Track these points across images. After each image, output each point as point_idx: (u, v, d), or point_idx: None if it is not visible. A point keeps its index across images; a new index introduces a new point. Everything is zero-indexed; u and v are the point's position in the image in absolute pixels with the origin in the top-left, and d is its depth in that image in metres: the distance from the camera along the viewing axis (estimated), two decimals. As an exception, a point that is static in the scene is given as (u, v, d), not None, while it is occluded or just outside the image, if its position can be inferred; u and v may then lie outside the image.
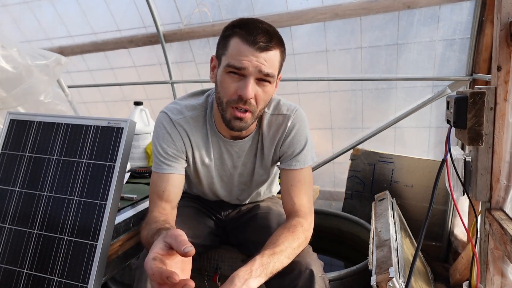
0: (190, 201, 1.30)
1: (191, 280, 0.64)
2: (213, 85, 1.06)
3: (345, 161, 2.18)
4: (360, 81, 2.07)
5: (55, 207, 1.06)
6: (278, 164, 1.15)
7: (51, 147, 1.12)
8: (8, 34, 2.67)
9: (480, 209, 1.02)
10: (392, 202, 1.76)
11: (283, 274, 0.92)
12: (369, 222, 1.67)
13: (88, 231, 1.01)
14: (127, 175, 1.67)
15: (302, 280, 0.94)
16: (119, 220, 1.19)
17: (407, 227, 1.79)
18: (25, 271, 1.03)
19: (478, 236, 1.03)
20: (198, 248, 1.15)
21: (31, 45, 2.61)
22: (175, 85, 2.42)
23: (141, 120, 1.94)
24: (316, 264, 0.97)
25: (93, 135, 1.10)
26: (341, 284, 1.38)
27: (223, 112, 0.99)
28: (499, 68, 0.90)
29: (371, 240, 1.39)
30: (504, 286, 0.94)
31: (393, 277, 1.03)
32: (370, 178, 2.07)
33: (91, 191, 1.05)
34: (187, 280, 0.63)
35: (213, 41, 2.27)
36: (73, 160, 1.09)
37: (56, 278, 1.00)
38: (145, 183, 1.57)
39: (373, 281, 1.06)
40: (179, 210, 1.17)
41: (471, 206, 1.19)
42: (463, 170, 1.01)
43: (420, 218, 1.96)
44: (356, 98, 2.15)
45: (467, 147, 1.58)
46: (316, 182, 2.24)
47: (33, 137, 1.15)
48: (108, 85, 2.69)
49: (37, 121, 1.16)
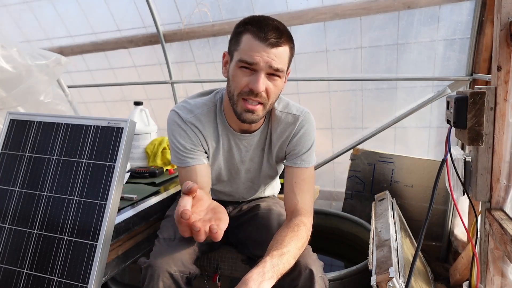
0: None
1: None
2: (216, 86, 1.09)
3: (345, 161, 2.18)
4: (360, 81, 2.06)
5: (55, 207, 1.06)
6: (284, 161, 1.18)
7: (51, 147, 1.12)
8: (8, 34, 2.67)
9: (480, 209, 1.02)
10: (392, 202, 1.76)
11: (283, 274, 0.93)
12: (369, 222, 1.67)
13: (88, 231, 1.01)
14: (127, 175, 1.67)
15: (302, 280, 0.95)
16: (119, 220, 1.19)
17: (407, 227, 1.78)
18: (25, 271, 1.03)
19: (478, 236, 1.02)
20: (203, 247, 1.15)
21: (31, 45, 2.61)
22: (175, 85, 2.42)
23: (141, 120, 1.94)
24: (316, 264, 0.98)
25: (93, 135, 1.10)
26: (341, 284, 1.37)
27: (234, 105, 1.03)
28: (499, 68, 0.90)
29: (371, 240, 1.39)
30: (504, 286, 0.94)
31: (393, 277, 1.03)
32: (370, 178, 2.07)
33: (91, 191, 1.05)
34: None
35: (213, 41, 2.27)
36: (73, 160, 1.09)
37: (56, 278, 1.00)
38: (145, 183, 1.57)
39: (373, 281, 1.06)
40: None
41: (471, 206, 1.19)
42: (463, 170, 1.01)
43: (420, 218, 1.96)
44: (356, 98, 2.15)
45: (467, 147, 1.58)
46: (316, 182, 2.24)
47: (33, 137, 1.15)
48: (108, 85, 2.69)
49: (37, 121, 1.16)
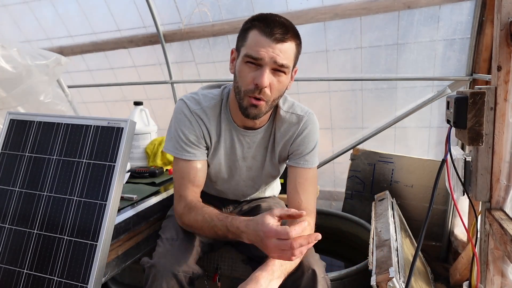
0: None
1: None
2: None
3: (345, 161, 2.18)
4: (360, 81, 2.06)
5: (55, 207, 1.06)
6: (287, 161, 1.19)
7: (51, 147, 1.12)
8: (8, 34, 2.67)
9: (480, 209, 1.02)
10: (392, 202, 1.76)
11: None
12: (369, 222, 1.67)
13: (88, 231, 1.01)
14: (127, 175, 1.67)
15: (305, 280, 0.95)
16: (119, 220, 1.19)
17: (407, 227, 1.78)
18: (25, 271, 1.03)
19: (478, 236, 1.02)
20: (205, 247, 1.16)
21: (31, 45, 2.61)
22: (175, 85, 2.42)
23: (141, 120, 1.94)
24: (318, 265, 0.99)
25: (93, 135, 1.10)
26: (341, 284, 1.37)
27: (240, 101, 1.04)
28: (499, 68, 0.90)
29: (371, 240, 1.39)
30: (504, 286, 0.94)
31: (393, 277, 1.03)
32: (370, 178, 2.07)
33: (91, 191, 1.05)
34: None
35: (213, 41, 2.27)
36: (73, 160, 1.09)
37: (56, 278, 1.00)
38: (145, 183, 1.57)
39: (373, 281, 1.06)
40: None
41: (471, 206, 1.19)
42: (463, 170, 1.01)
43: (420, 218, 1.96)
44: (356, 98, 2.15)
45: (467, 147, 1.58)
46: (316, 182, 2.24)
47: (33, 137, 1.15)
48: (108, 85, 2.69)
49: (37, 121, 1.16)
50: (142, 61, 2.56)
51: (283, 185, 1.97)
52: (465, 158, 1.00)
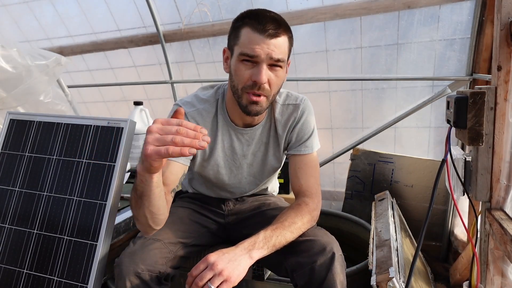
0: (188, 202, 1.30)
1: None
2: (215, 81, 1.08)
3: (345, 161, 2.18)
4: (360, 81, 2.06)
5: (55, 207, 1.06)
6: (287, 151, 1.20)
7: (51, 147, 1.12)
8: (8, 34, 2.67)
9: (480, 209, 1.02)
10: (392, 202, 1.76)
11: (301, 252, 0.97)
12: (369, 222, 1.67)
13: (88, 231, 1.01)
14: (127, 175, 1.67)
15: (323, 257, 0.96)
16: (119, 220, 1.19)
17: (407, 227, 1.78)
18: (25, 271, 1.03)
19: (478, 236, 1.03)
20: (189, 248, 1.14)
21: (31, 45, 2.61)
22: (175, 85, 2.42)
23: (141, 120, 1.94)
24: (335, 243, 1.00)
25: (93, 135, 1.10)
26: (341, 284, 1.37)
27: (239, 99, 1.04)
28: (499, 68, 0.90)
29: (371, 240, 1.39)
30: (504, 286, 0.94)
31: (393, 277, 1.03)
32: (370, 178, 2.07)
33: (91, 191, 1.05)
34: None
35: (213, 41, 2.27)
36: (73, 160, 1.09)
37: (56, 278, 1.00)
38: (145, 183, 1.56)
39: (373, 281, 1.06)
40: (173, 209, 1.17)
41: (471, 206, 1.19)
42: (463, 170, 1.01)
43: (420, 218, 1.96)
44: (356, 98, 2.15)
45: (467, 147, 1.58)
46: (316, 181, 2.24)
47: (33, 137, 1.15)
48: (108, 85, 2.69)
49: (37, 121, 1.16)
50: (142, 61, 2.55)
51: (282, 185, 1.97)
52: (465, 158, 1.00)
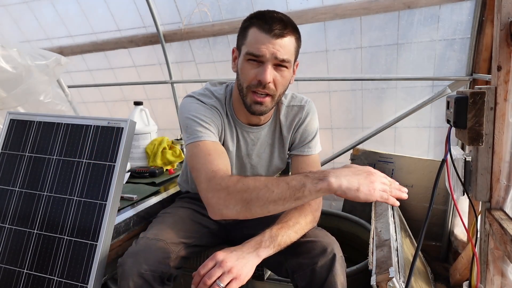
0: (189, 202, 1.30)
1: None
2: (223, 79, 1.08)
3: (345, 161, 2.18)
4: (360, 81, 2.06)
5: (55, 207, 1.06)
6: (290, 151, 1.21)
7: (51, 147, 1.12)
8: (8, 34, 2.67)
9: (480, 209, 1.02)
10: (392, 202, 1.76)
11: (302, 253, 0.98)
12: (369, 222, 1.67)
13: (88, 231, 1.01)
14: (127, 175, 1.67)
15: (324, 258, 0.97)
16: (119, 220, 1.19)
17: (407, 227, 1.78)
18: (25, 271, 1.03)
19: (478, 236, 1.02)
20: (190, 248, 1.14)
21: (31, 45, 2.61)
22: (175, 85, 2.42)
23: (141, 120, 1.94)
24: (336, 244, 1.01)
25: (93, 135, 1.10)
26: (341, 284, 1.37)
27: (244, 98, 1.05)
28: (499, 68, 0.90)
29: (371, 240, 1.39)
30: (504, 286, 0.94)
31: (393, 277, 1.03)
32: (370, 178, 2.07)
33: (91, 191, 1.05)
34: None
35: (213, 41, 2.27)
36: (73, 160, 1.09)
37: (56, 278, 1.00)
38: (145, 183, 1.57)
39: (373, 281, 1.06)
40: (174, 210, 1.17)
41: (471, 206, 1.19)
42: (463, 170, 1.01)
43: (420, 218, 1.96)
44: (356, 98, 2.15)
45: (467, 147, 1.58)
46: (316, 182, 2.24)
47: (33, 137, 1.15)
48: (108, 85, 2.69)
49: (37, 121, 1.16)
50: (142, 61, 2.56)
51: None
52: (465, 158, 1.00)
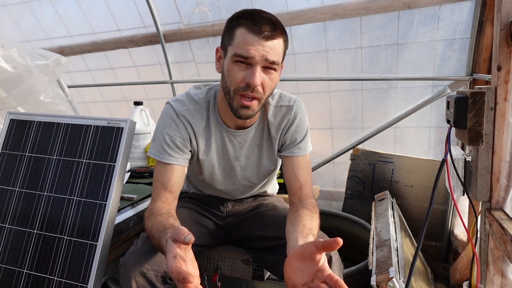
0: (188, 202, 1.30)
1: None
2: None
3: (345, 161, 2.18)
4: (360, 81, 2.06)
5: (55, 207, 1.06)
6: (279, 153, 1.19)
7: (51, 147, 1.12)
8: (8, 34, 2.67)
9: (480, 209, 1.02)
10: (392, 202, 1.76)
11: None
12: (369, 222, 1.67)
13: (88, 231, 1.01)
14: (127, 175, 1.67)
15: None
16: (119, 220, 1.19)
17: (407, 227, 1.78)
18: (25, 271, 1.03)
19: (478, 236, 1.03)
20: (191, 248, 1.15)
21: (31, 45, 2.61)
22: (175, 85, 2.42)
23: (141, 120, 1.94)
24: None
25: (93, 135, 1.10)
26: (341, 284, 1.37)
27: (230, 101, 1.02)
28: (499, 68, 0.90)
29: (371, 240, 1.39)
30: (504, 286, 0.94)
31: (393, 277, 1.03)
32: (370, 178, 2.07)
33: (91, 191, 1.05)
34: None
35: (213, 41, 2.27)
36: (73, 160, 1.09)
37: (56, 278, 1.00)
38: (145, 183, 1.57)
39: (373, 281, 1.06)
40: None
41: (471, 206, 1.19)
42: (463, 170, 1.01)
43: (420, 218, 1.96)
44: (356, 98, 2.15)
45: (467, 147, 1.58)
46: (316, 182, 2.24)
47: (33, 137, 1.15)
48: (108, 85, 2.69)
49: (37, 121, 1.16)
50: (142, 61, 2.56)
51: (282, 185, 1.97)
52: (465, 158, 1.00)
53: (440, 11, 1.80)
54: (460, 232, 1.85)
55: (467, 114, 0.92)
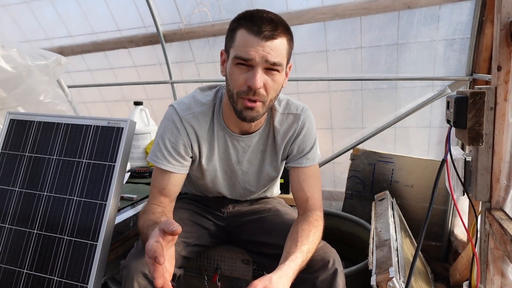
0: (188, 203, 1.30)
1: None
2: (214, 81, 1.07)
3: (345, 161, 2.18)
4: (360, 81, 2.06)
5: (55, 207, 1.06)
6: (286, 163, 1.17)
7: (51, 147, 1.12)
8: (8, 34, 2.67)
9: (480, 209, 1.02)
10: (392, 202, 1.76)
11: (304, 268, 0.96)
12: (369, 222, 1.67)
13: (88, 231, 1.01)
14: (127, 175, 1.67)
15: (325, 273, 0.96)
16: (119, 220, 1.19)
17: (407, 227, 1.78)
18: (25, 271, 1.03)
19: (478, 236, 1.02)
20: (191, 247, 1.15)
21: (31, 45, 2.61)
22: (175, 85, 2.42)
23: (141, 120, 1.94)
24: (337, 258, 1.00)
25: (93, 135, 1.10)
26: (341, 284, 1.37)
27: (234, 104, 1.00)
28: (499, 68, 0.90)
29: (371, 240, 1.39)
30: (504, 286, 0.94)
31: (393, 277, 1.03)
32: (370, 178, 2.07)
33: (91, 191, 1.05)
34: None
35: (213, 41, 2.27)
36: (73, 160, 1.09)
37: (56, 278, 1.00)
38: (145, 183, 1.57)
39: (373, 281, 1.06)
40: (174, 210, 1.17)
41: (471, 206, 1.19)
42: (463, 170, 1.01)
43: (420, 218, 1.96)
44: (356, 98, 2.15)
45: (467, 147, 1.58)
46: (316, 181, 2.24)
47: (33, 137, 1.15)
48: (108, 85, 2.69)
49: (37, 121, 1.16)
50: (142, 61, 2.56)
51: (283, 185, 1.97)
52: (465, 158, 1.00)
53: (440, 11, 1.80)
54: (460, 232, 1.85)
55: (467, 114, 0.92)
